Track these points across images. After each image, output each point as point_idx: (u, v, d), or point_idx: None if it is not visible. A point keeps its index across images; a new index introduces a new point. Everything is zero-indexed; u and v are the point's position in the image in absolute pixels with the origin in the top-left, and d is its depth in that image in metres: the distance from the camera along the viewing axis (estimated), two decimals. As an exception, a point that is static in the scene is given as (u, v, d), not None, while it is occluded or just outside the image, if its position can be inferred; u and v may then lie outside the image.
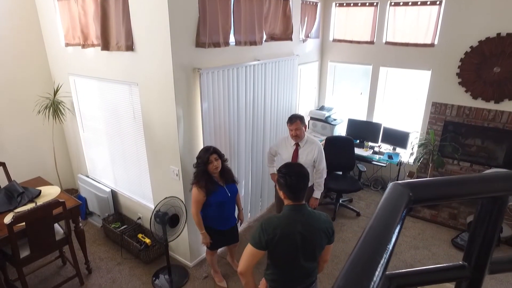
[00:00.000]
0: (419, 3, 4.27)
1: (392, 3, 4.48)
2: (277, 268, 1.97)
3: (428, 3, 4.20)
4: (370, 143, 4.98)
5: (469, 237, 0.82)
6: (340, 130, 5.25)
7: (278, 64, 3.99)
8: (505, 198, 0.74)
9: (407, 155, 4.66)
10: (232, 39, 3.30)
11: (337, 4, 4.96)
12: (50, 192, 3.33)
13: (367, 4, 4.67)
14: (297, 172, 1.89)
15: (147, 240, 3.54)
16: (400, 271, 0.77)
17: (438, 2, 4.14)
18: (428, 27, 4.28)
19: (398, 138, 4.73)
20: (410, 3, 4.34)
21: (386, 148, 4.92)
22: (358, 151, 4.79)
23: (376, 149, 4.89)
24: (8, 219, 2.80)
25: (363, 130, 5.05)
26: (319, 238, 1.88)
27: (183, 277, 3.35)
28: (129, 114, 3.41)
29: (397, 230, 0.62)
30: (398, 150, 4.81)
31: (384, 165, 4.67)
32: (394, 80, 4.93)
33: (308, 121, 5.28)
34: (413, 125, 4.78)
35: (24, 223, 2.69)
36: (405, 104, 4.91)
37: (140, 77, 3.06)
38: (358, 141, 5.02)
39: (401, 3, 4.41)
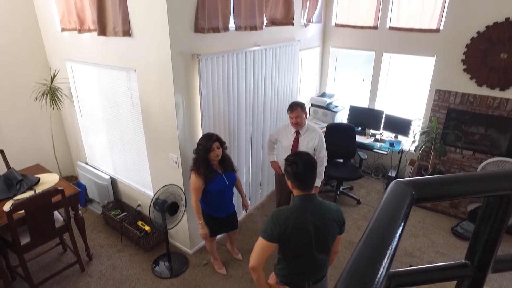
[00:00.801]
0: (425, -14, 4.14)
1: (397, -13, 4.35)
2: (289, 261, 1.93)
3: (434, -14, 4.07)
4: (372, 131, 4.93)
5: (473, 235, 0.79)
6: (342, 117, 5.19)
7: (279, 49, 3.91)
8: (512, 196, 0.70)
9: (409, 143, 4.62)
10: (231, 24, 3.21)
11: (340, -12, 4.83)
12: (49, 180, 3.31)
13: (371, -13, 4.54)
14: (304, 160, 1.85)
15: (147, 228, 3.55)
16: (400, 269, 0.74)
17: (444, -14, 4.01)
18: (434, 11, 4.16)
19: (400, 126, 4.67)
20: (415, -13, 4.21)
21: (387, 135, 4.88)
22: (359, 138, 4.75)
23: (378, 136, 4.84)
24: (7, 206, 2.79)
25: (364, 118, 4.99)
26: (331, 228, 1.85)
27: (183, 264, 3.37)
28: (127, 100, 3.36)
29: (399, 232, 0.59)
30: (400, 138, 4.76)
31: (386, 153, 4.63)
32: (397, 67, 4.84)
33: (309, 108, 5.22)
34: (415, 113, 4.71)
35: (23, 211, 2.69)
36: (408, 91, 4.83)
37: (138, 63, 3.00)
38: (359, 128, 4.97)
39: (406, -13, 4.28)
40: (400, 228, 0.60)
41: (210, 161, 2.78)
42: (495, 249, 0.75)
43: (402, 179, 0.68)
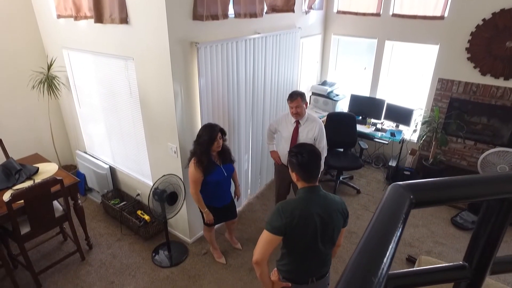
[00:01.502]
0: (429, -29, 4.02)
1: (401, -28, 4.24)
2: (294, 255, 1.89)
3: (440, -28, 3.96)
4: (373, 120, 4.89)
5: (472, 237, 0.77)
6: (342, 106, 5.14)
7: (279, 37, 3.83)
8: (514, 199, 0.68)
9: (410, 132, 4.58)
10: (231, 10, 3.14)
11: (343, -27, 4.71)
12: (48, 169, 3.31)
13: (375, -28, 4.42)
14: (309, 150, 1.82)
15: (146, 217, 3.56)
16: (397, 271, 0.73)
17: (450, -29, 3.90)
18: (438, -2, 4.06)
19: (401, 115, 4.62)
20: (420, -28, 4.09)
21: (388, 125, 4.83)
22: (360, 127, 4.71)
23: (379, 126, 4.80)
24: (6, 196, 2.79)
25: (366, 106, 4.94)
26: (336, 219, 1.83)
27: (183, 253, 3.39)
28: (126, 89, 3.32)
29: (397, 237, 0.57)
30: (401, 127, 4.72)
31: (386, 142, 4.60)
32: (400, 55, 4.76)
33: (310, 97, 5.17)
34: (417, 102, 4.66)
35: (22, 201, 2.69)
36: (410, 80, 4.77)
37: (136, 51, 2.95)
38: (360, 117, 4.92)
39: (411, -28, 4.16)
40: (398, 233, 0.58)
41: (211, 152, 2.76)
42: (494, 252, 0.74)
43: (400, 183, 0.66)
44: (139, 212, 3.67)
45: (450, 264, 0.79)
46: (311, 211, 1.77)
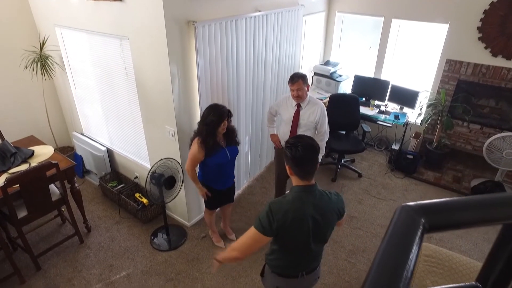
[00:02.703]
0: None
1: None
2: (284, 253, 1.83)
3: None
4: (377, 102, 4.76)
5: (487, 259, 0.69)
6: (346, 87, 5.00)
7: (281, 15, 3.66)
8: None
9: (415, 115, 4.46)
10: (230, -13, 2.97)
11: None
12: (43, 152, 3.24)
13: None
14: (305, 144, 1.66)
15: (145, 200, 3.52)
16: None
17: None
18: (450, -27, 3.84)
19: (406, 97, 4.49)
20: None
21: (393, 107, 4.71)
22: (363, 110, 4.59)
23: (383, 108, 4.68)
24: (1, 181, 2.75)
25: (369, 88, 4.80)
26: (332, 219, 1.75)
27: (181, 236, 3.38)
28: (121, 70, 3.20)
29: (410, 271, 0.49)
30: (406, 110, 4.60)
31: (390, 125, 4.49)
32: (407, 34, 4.57)
33: (312, 77, 5.02)
34: (423, 84, 4.51)
35: (18, 185, 2.64)
36: (416, 60, 4.60)
37: (131, 30, 2.81)
38: (363, 99, 4.79)
39: None
40: (412, 265, 0.50)
41: (216, 134, 2.67)
42: (513, 276, 0.66)
43: (410, 204, 0.58)
44: (137, 195, 3.64)
45: (462, 284, 0.73)
46: (305, 213, 1.66)
